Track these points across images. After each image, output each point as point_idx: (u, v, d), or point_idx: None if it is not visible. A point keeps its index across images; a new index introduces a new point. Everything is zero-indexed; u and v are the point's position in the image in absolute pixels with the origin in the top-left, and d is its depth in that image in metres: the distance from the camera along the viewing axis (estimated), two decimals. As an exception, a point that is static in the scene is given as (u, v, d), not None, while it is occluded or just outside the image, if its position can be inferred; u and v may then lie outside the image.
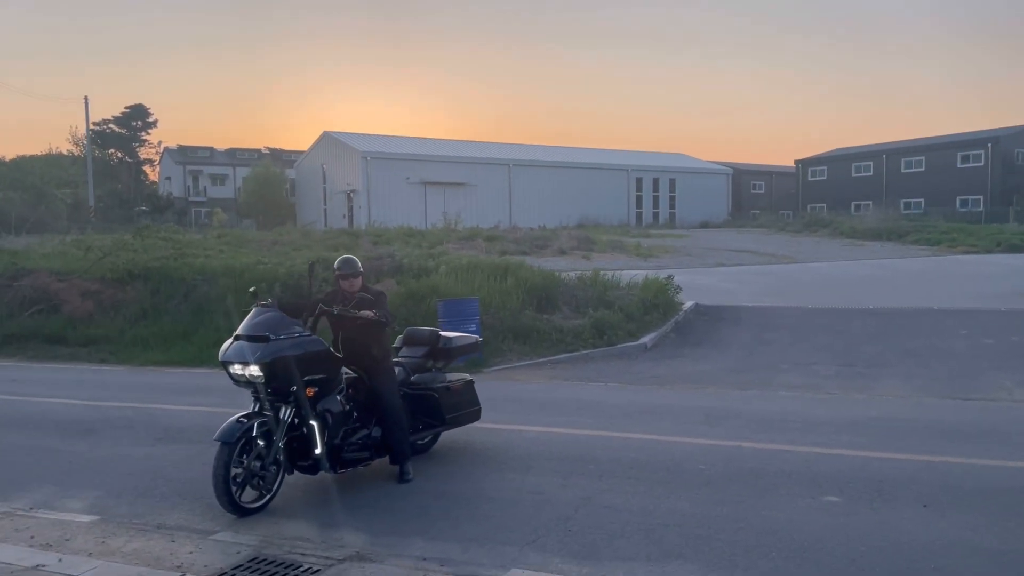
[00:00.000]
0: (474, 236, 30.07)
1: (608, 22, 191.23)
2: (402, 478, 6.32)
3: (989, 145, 54.79)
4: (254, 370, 5.63)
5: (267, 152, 76.00)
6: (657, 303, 13.88)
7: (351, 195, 53.49)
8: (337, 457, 6.07)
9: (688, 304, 14.86)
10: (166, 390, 10.92)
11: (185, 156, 74.41)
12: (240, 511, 5.56)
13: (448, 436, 7.31)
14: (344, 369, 6.33)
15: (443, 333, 7.32)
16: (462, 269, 14.62)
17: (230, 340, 5.87)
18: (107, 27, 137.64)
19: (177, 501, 6.02)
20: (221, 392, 10.53)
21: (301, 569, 4.72)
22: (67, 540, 5.20)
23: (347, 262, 6.53)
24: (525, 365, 11.60)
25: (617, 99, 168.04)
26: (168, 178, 73.27)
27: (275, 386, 5.74)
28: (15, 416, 9.27)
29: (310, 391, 5.89)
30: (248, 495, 5.68)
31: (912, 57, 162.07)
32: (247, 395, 6.06)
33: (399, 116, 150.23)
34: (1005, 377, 10.06)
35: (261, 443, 5.70)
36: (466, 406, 7.14)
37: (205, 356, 13.36)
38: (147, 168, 72.14)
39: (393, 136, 59.03)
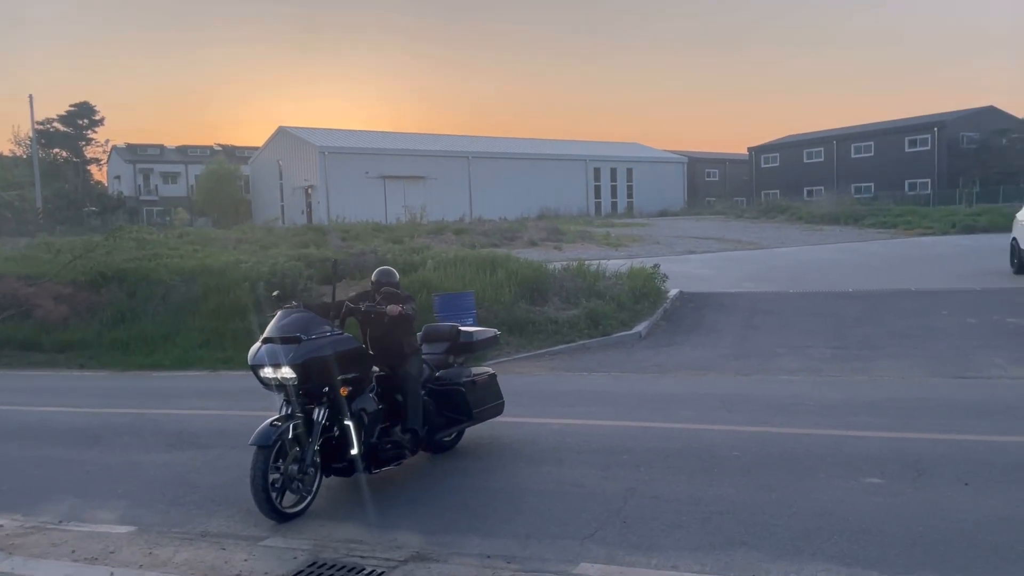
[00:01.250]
0: (442, 230, 29.92)
1: (562, 12, 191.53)
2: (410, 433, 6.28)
3: (935, 129, 56.25)
4: (287, 372, 5.50)
5: (220, 149, 74.61)
6: (646, 292, 13.96)
7: (309, 190, 52.83)
8: (373, 457, 5.98)
9: (673, 292, 14.98)
10: (162, 394, 10.65)
11: (134, 154, 72.64)
12: (281, 516, 5.44)
13: (473, 432, 7.25)
14: (373, 368, 6.26)
15: (462, 328, 7.27)
16: (449, 263, 14.52)
17: (258, 344, 5.70)
18: (49, 23, 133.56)
19: (213, 508, 5.87)
20: (221, 395, 10.41)
21: (365, 572, 4.64)
22: (112, 553, 5.04)
23: (386, 272, 6.55)
24: (524, 357, 11.57)
25: (572, 89, 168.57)
26: (117, 177, 71.49)
27: (308, 387, 5.63)
28: (11, 426, 8.96)
29: (344, 390, 5.81)
30: (288, 499, 5.56)
31: (860, 43, 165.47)
32: (251, 397, 5.95)
33: (356, 111, 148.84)
34: (995, 355, 10.33)
35: (296, 447, 5.58)
36: (491, 399, 7.09)
37: (191, 358, 13.12)
38: (94, 168, 70.23)
39: (351, 130, 58.41)
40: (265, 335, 5.70)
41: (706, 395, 8.93)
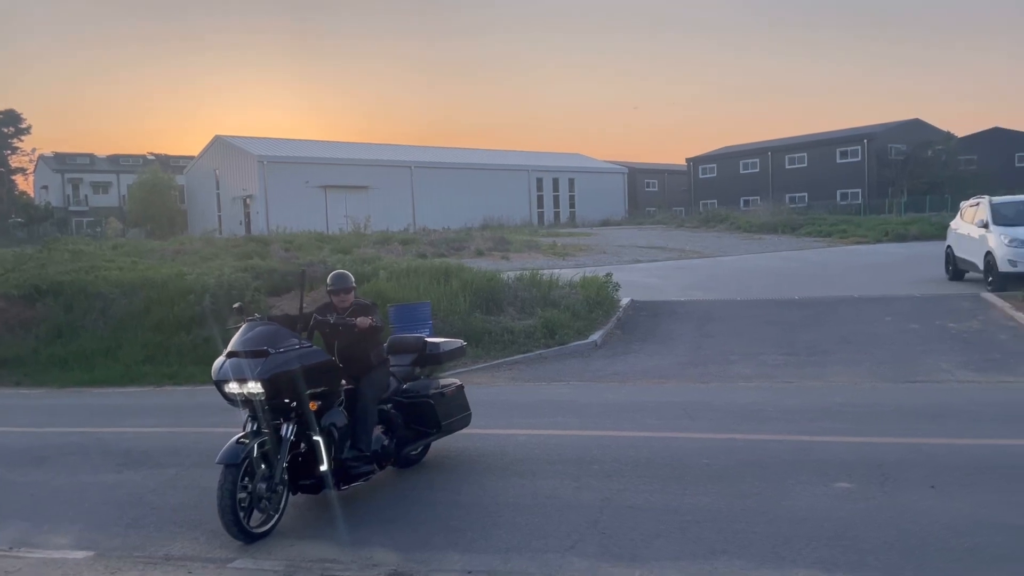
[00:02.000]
0: (388, 240, 29.63)
1: (503, 25, 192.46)
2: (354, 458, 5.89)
3: (865, 141, 58.16)
4: (254, 387, 5.29)
5: (153, 158, 72.71)
6: (600, 301, 14.02)
7: (248, 200, 51.87)
8: (343, 473, 5.82)
9: (625, 301, 15.07)
10: (106, 412, 10.25)
11: (63, 163, 70.34)
12: (248, 536, 5.25)
13: (440, 444, 7.13)
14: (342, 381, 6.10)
15: (429, 339, 7.16)
16: (402, 273, 14.35)
17: (222, 358, 5.51)
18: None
19: (174, 530, 5.64)
20: (169, 411, 10.06)
21: (343, 591, 4.49)
22: (71, 580, 4.79)
23: (342, 277, 6.35)
24: (482, 368, 11.48)
25: (514, 100, 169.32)
26: (45, 187, 69.17)
27: (275, 403, 5.44)
28: (-55, 448, 8.49)
29: (313, 405, 5.63)
30: (255, 519, 5.37)
31: (794, 55, 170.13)
32: (200, 413, 5.75)
33: (295, 120, 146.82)
34: (940, 360, 10.63)
35: (263, 464, 5.39)
36: (459, 412, 6.99)
37: (134, 373, 12.68)
38: (19, 178, 67.82)
39: (291, 139, 57.69)
40: (229, 349, 5.51)
41: (668, 403, 8.97)
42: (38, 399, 11.71)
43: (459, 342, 7.44)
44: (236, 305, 6.32)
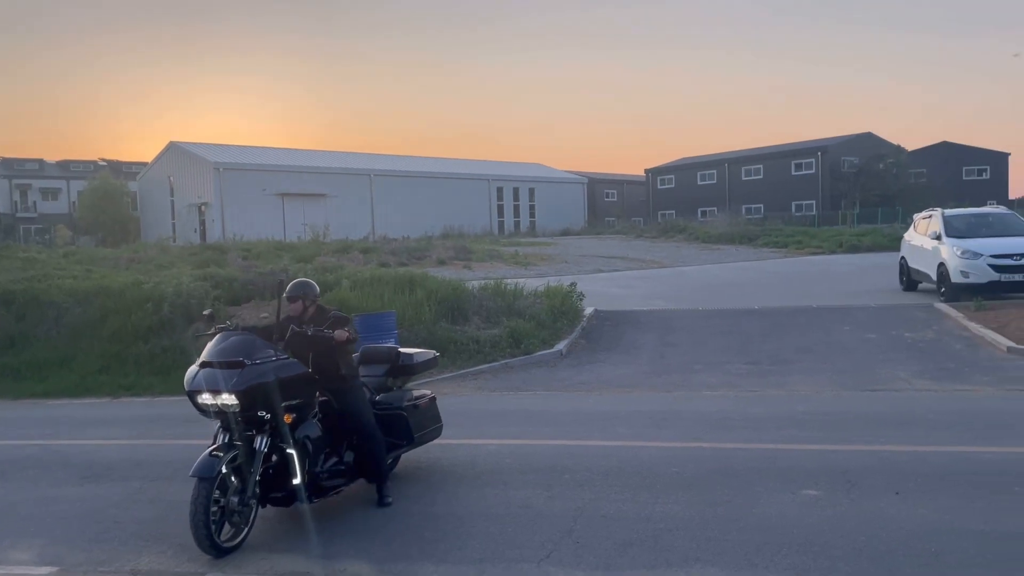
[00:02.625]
0: (347, 248, 29.41)
1: (467, 34, 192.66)
2: (382, 501, 6.07)
3: (819, 154, 59.34)
4: (229, 398, 5.20)
5: (104, 164, 71.21)
6: (564, 310, 14.08)
7: (203, 208, 51.06)
8: (315, 486, 5.75)
9: (589, 310, 15.16)
10: (63, 423, 10.00)
11: (10, 169, 68.56)
12: (219, 551, 5.16)
13: (412, 455, 7.09)
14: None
15: (402, 350, 7.10)
16: (366, 282, 14.26)
17: (195, 368, 5.40)
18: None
19: (141, 544, 5.52)
20: (128, 423, 9.88)
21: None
22: (36, 597, 4.67)
23: (305, 285, 6.17)
24: (448, 378, 11.43)
25: (473, 110, 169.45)
26: (-9, 192, 67.28)
27: (249, 415, 5.36)
28: None
29: (288, 417, 5.54)
30: (225, 532, 5.28)
31: (750, 69, 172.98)
32: (161, 424, 5.65)
33: (251, 128, 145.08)
34: (898, 368, 10.87)
35: (235, 477, 5.30)
36: (431, 423, 6.96)
37: (90, 384, 12.42)
38: (-36, 182, 65.90)
39: (247, 146, 56.93)
40: (203, 358, 5.40)
41: (635, 412, 9.04)
42: (-11, 411, 11.38)
43: (432, 352, 7.39)
44: (206, 312, 6.24)
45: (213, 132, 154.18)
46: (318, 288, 6.28)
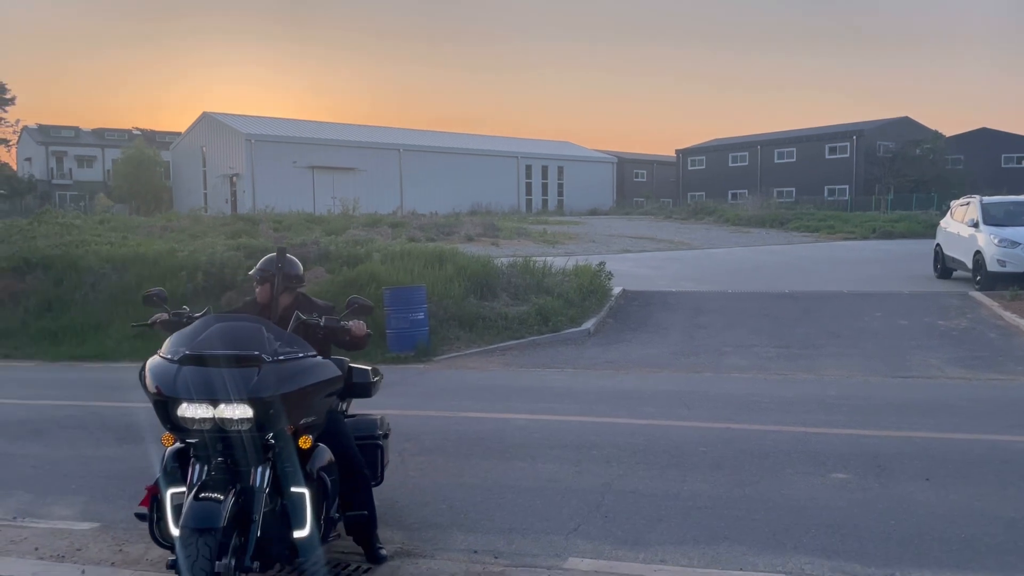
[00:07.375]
0: (377, 223, 29.50)
1: (499, 11, 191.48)
2: (376, 553, 4.58)
3: (854, 138, 58.43)
4: (238, 411, 3.53)
5: (139, 133, 72.00)
6: (593, 289, 14.08)
7: (234, 179, 51.51)
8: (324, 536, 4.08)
9: (617, 290, 15.14)
10: (100, 386, 10.22)
11: (47, 136, 69.50)
12: None
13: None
14: None
15: (353, 364, 4.72)
16: (396, 256, 14.35)
17: (171, 365, 3.66)
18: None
19: (178, 505, 5.64)
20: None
21: (351, 568, 4.53)
22: (79, 550, 4.81)
23: (289, 262, 4.58)
24: (475, 352, 11.52)
25: (504, 87, 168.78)
26: (28, 159, 68.34)
27: (255, 436, 3.65)
28: (-61, 419, 8.45)
29: (307, 441, 3.89)
30: None
31: (787, 52, 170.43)
32: None
33: (283, 99, 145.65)
34: (930, 355, 10.78)
35: (233, 529, 3.60)
36: (386, 457, 5.12)
37: (125, 349, 12.61)
38: (2, 149, 66.93)
39: (279, 118, 57.22)
40: (189, 351, 3.67)
41: (664, 392, 9.05)
42: (28, 372, 11.67)
43: (378, 370, 5.02)
44: (153, 291, 4.55)
45: (245, 104, 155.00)
46: (301, 267, 4.66)
